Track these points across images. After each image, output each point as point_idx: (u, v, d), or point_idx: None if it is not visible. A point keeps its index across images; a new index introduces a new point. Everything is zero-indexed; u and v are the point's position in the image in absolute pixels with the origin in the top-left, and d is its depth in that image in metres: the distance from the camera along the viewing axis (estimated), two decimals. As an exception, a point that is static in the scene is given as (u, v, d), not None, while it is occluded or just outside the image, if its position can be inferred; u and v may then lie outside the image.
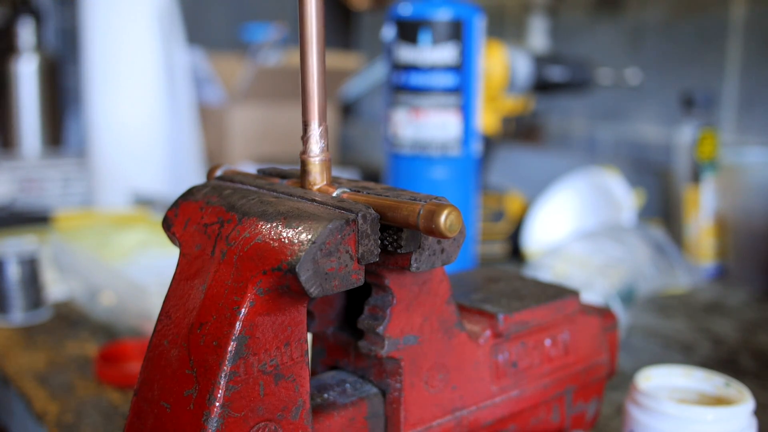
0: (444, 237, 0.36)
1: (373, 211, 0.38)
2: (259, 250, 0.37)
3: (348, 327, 0.48)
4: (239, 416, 0.37)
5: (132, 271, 0.85)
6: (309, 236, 0.36)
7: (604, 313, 0.58)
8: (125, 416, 0.66)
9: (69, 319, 0.90)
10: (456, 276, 0.56)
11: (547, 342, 0.51)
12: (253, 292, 0.37)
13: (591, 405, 0.56)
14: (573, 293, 0.53)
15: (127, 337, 0.81)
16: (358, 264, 0.38)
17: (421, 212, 0.37)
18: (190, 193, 0.45)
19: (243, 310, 0.37)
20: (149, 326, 0.79)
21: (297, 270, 0.35)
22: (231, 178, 0.46)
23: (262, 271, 0.37)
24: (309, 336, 0.49)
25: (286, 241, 0.37)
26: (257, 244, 0.38)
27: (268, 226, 0.38)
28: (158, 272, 0.82)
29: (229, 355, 0.37)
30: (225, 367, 0.37)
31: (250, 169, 0.49)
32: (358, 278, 0.38)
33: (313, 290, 0.36)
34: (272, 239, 0.37)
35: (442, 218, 0.36)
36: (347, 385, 0.45)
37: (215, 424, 0.36)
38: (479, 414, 0.47)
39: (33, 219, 1.20)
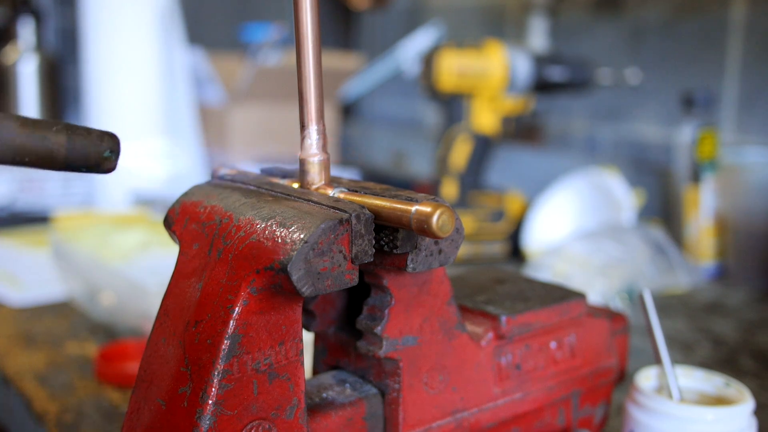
0: (436, 237, 0.36)
1: (367, 211, 0.38)
2: (253, 249, 0.37)
3: (349, 327, 0.48)
4: (232, 414, 0.37)
5: (132, 271, 0.85)
6: (302, 236, 0.36)
7: (613, 316, 0.58)
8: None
9: (69, 319, 0.90)
10: (461, 277, 0.56)
11: (553, 344, 0.51)
12: (247, 291, 0.37)
13: (599, 409, 0.56)
14: (579, 296, 0.52)
15: (127, 337, 0.81)
16: (352, 264, 0.38)
17: (414, 212, 0.36)
18: (191, 192, 0.45)
19: (236, 308, 0.37)
20: (149, 326, 0.79)
21: (289, 269, 0.35)
22: (233, 177, 0.46)
23: (256, 270, 0.37)
24: (311, 335, 0.49)
25: (279, 240, 0.37)
26: (252, 243, 0.38)
27: (263, 226, 0.38)
28: (158, 272, 0.82)
29: (222, 353, 0.37)
30: (218, 366, 0.37)
31: (253, 168, 0.49)
32: (351, 278, 0.38)
33: (305, 289, 0.36)
34: (266, 238, 0.37)
35: (434, 219, 0.36)
36: (347, 385, 0.45)
37: (208, 422, 0.36)
38: (480, 416, 0.47)
39: (33, 219, 1.20)
